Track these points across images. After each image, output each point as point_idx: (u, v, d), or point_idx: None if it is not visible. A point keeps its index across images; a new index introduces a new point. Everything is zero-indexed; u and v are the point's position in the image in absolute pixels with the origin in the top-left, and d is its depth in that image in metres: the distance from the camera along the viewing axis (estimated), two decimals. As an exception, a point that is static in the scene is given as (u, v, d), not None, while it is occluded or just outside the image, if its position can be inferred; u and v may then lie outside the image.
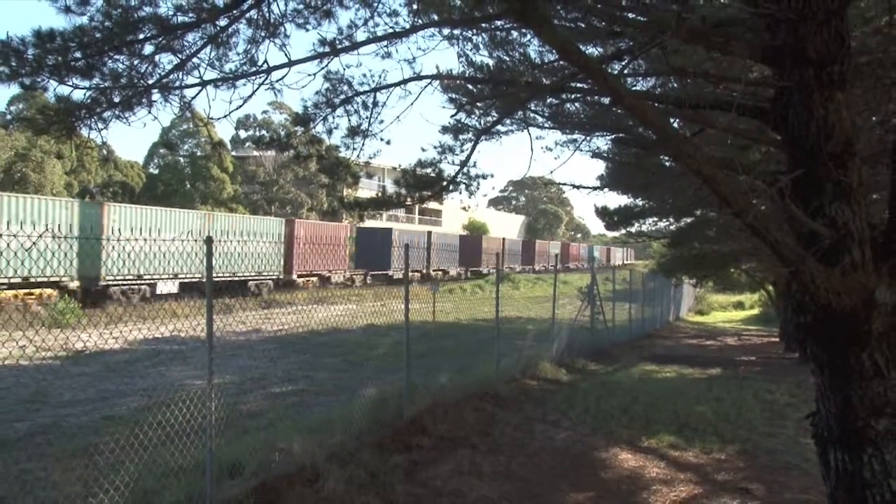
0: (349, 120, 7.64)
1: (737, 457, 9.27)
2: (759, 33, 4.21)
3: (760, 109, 4.39)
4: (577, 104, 9.52)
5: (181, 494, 6.29)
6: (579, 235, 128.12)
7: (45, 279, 22.50)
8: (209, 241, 6.67)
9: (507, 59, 8.04)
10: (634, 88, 8.59)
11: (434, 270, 51.30)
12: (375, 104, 7.48)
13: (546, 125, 9.87)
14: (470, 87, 8.59)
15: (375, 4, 6.82)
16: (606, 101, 7.96)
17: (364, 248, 45.50)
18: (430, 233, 53.97)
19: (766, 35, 4.15)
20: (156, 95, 6.27)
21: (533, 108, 8.84)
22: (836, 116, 3.92)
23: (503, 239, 66.50)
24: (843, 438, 3.89)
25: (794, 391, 13.76)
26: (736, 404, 12.35)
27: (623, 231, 23.77)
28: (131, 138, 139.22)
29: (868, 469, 3.78)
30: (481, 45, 8.03)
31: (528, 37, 7.61)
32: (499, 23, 7.12)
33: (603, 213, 21.40)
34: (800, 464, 8.83)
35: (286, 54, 6.44)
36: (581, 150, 17.06)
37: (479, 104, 8.56)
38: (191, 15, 5.82)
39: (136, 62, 5.99)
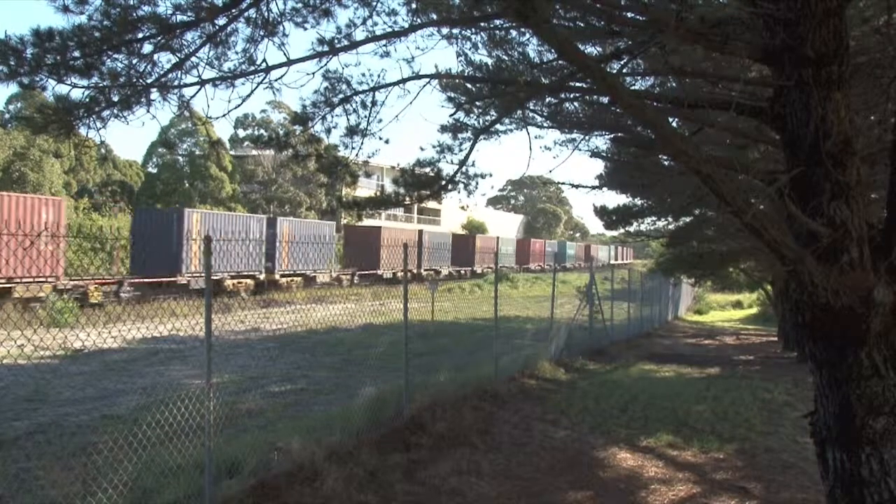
0: (348, 119, 7.64)
1: (735, 456, 9.28)
2: (758, 33, 4.21)
3: (759, 109, 4.39)
4: (575, 103, 9.53)
5: (180, 493, 6.29)
6: (578, 235, 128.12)
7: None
8: (208, 240, 6.67)
9: (506, 58, 8.05)
10: (633, 88, 8.59)
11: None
12: (374, 103, 7.48)
13: (545, 124, 9.88)
14: (469, 86, 8.60)
15: (374, 3, 6.82)
16: (605, 100, 7.97)
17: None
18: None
19: (765, 34, 4.15)
20: (154, 94, 6.27)
21: (532, 107, 8.85)
22: (835, 116, 3.92)
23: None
24: (841, 437, 3.90)
25: (793, 390, 13.77)
26: (734, 403, 12.36)
27: (622, 230, 23.77)
28: (130, 137, 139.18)
29: (866, 468, 3.79)
30: (480, 45, 8.03)
31: (527, 36, 7.61)
32: (498, 22, 7.12)
33: (602, 212, 21.39)
34: (798, 463, 8.84)
35: (285, 53, 6.44)
36: (580, 150, 17.07)
37: (477, 103, 8.56)
38: (189, 14, 5.82)
39: (134, 61, 5.99)
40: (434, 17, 7.20)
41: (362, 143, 7.79)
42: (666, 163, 13.48)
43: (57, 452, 8.02)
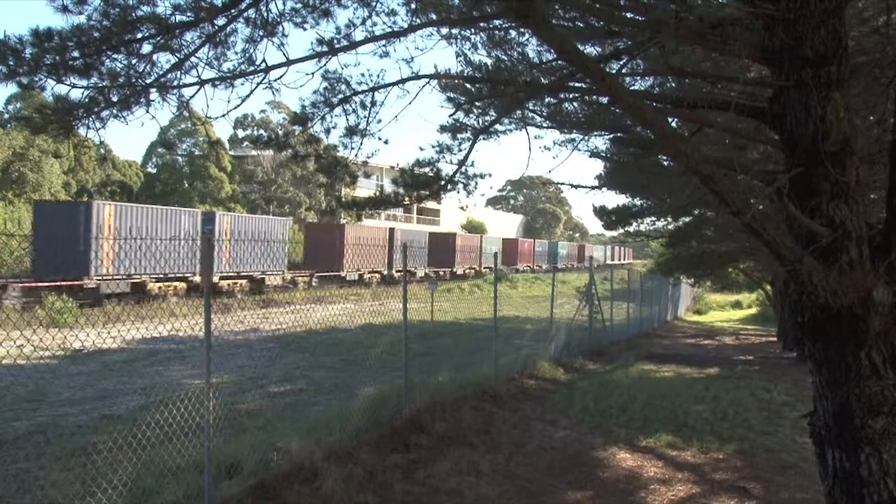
0: (347, 119, 7.64)
1: (734, 456, 9.28)
2: (757, 33, 4.21)
3: (758, 109, 4.39)
4: (575, 104, 9.53)
5: (179, 494, 6.30)
6: (577, 235, 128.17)
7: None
8: (206, 240, 6.67)
9: (506, 58, 8.05)
10: (633, 88, 8.60)
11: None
12: (373, 103, 7.48)
13: (544, 124, 9.87)
14: (468, 86, 8.59)
15: (374, 4, 6.82)
16: (605, 100, 7.96)
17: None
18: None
19: (764, 35, 4.16)
20: (154, 95, 6.27)
21: (531, 107, 8.84)
22: (834, 116, 3.92)
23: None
24: (840, 437, 3.90)
25: (792, 390, 13.77)
26: (734, 403, 12.36)
27: (621, 230, 23.78)
28: (129, 137, 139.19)
29: (865, 468, 3.79)
30: (479, 45, 8.03)
31: (527, 36, 7.61)
32: (497, 22, 7.12)
33: (601, 212, 21.39)
34: (797, 463, 8.85)
35: (284, 54, 6.44)
36: (579, 150, 17.05)
37: (477, 103, 8.56)
38: (189, 14, 5.82)
39: (134, 61, 5.99)
40: (433, 17, 7.20)
41: (361, 144, 7.79)
42: (665, 163, 13.51)
43: (56, 453, 8.02)
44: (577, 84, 6.71)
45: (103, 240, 25.95)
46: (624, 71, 6.85)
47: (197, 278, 30.34)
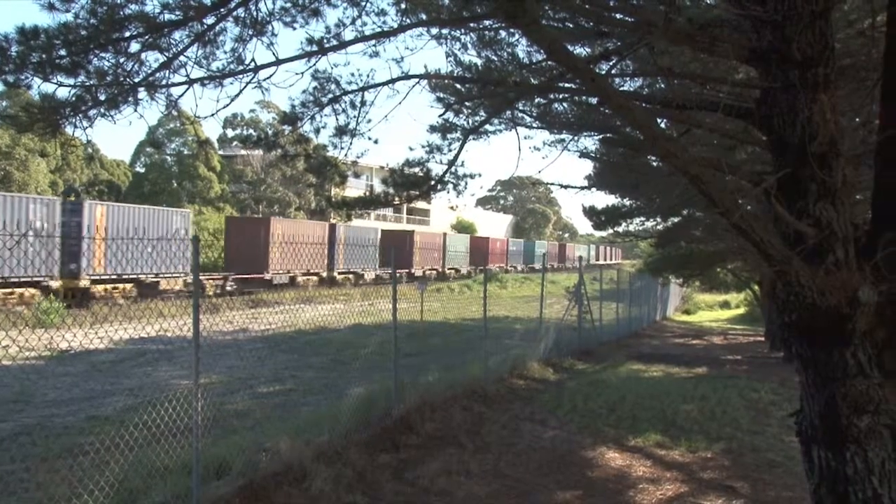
0: (337, 119, 7.63)
1: (722, 455, 9.32)
2: (745, 35, 4.23)
3: (746, 110, 4.41)
4: (564, 104, 9.56)
5: (167, 494, 6.27)
6: (567, 235, 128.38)
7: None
8: (196, 240, 6.66)
9: (496, 58, 8.06)
10: (622, 89, 8.63)
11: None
12: (363, 103, 7.48)
13: (534, 125, 9.90)
14: (458, 86, 8.60)
15: (363, 3, 6.82)
16: (594, 101, 7.99)
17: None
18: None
19: (752, 36, 4.18)
20: (142, 94, 6.24)
21: (521, 107, 8.87)
22: (821, 117, 3.95)
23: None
24: (826, 436, 3.93)
25: (779, 390, 13.84)
26: (721, 403, 12.41)
27: (611, 231, 23.85)
28: (118, 137, 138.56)
29: (851, 466, 3.81)
30: (469, 45, 8.05)
31: (517, 37, 7.63)
32: (487, 22, 7.13)
33: (590, 212, 21.46)
34: (784, 462, 8.89)
35: (274, 53, 6.42)
36: (569, 150, 17.13)
37: (467, 104, 8.57)
38: (177, 13, 5.80)
39: (121, 60, 5.96)
40: (423, 17, 7.21)
41: (351, 143, 7.79)
42: (654, 163, 13.56)
43: (42, 454, 7.97)
44: (566, 84, 6.73)
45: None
46: (613, 72, 6.87)
47: (55, 282, 24.62)
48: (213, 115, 6.68)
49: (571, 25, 6.55)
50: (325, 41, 6.69)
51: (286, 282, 36.70)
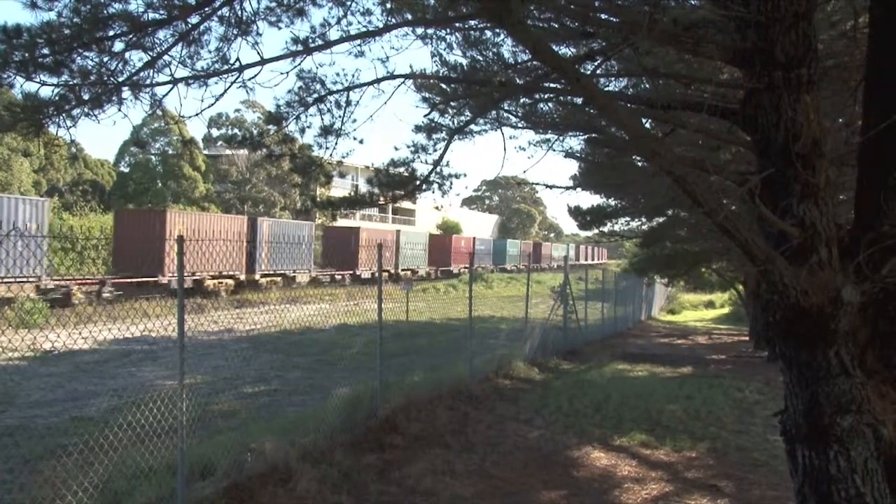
0: (322, 119, 7.62)
1: (707, 454, 9.37)
2: (729, 36, 4.25)
3: (731, 110, 4.43)
4: (550, 104, 9.56)
5: (152, 495, 6.24)
6: (553, 235, 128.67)
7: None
8: (180, 240, 6.62)
9: (481, 58, 8.06)
10: (607, 89, 8.65)
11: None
12: (348, 103, 7.46)
13: (519, 125, 9.90)
14: (443, 86, 8.60)
15: (349, 3, 6.81)
16: (579, 101, 8.00)
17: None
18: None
19: (736, 37, 4.20)
20: (126, 93, 6.20)
21: (506, 107, 8.87)
22: (804, 118, 3.97)
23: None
24: (810, 435, 3.95)
25: (763, 389, 13.94)
26: (706, 402, 12.48)
27: (596, 231, 23.94)
28: (101, 136, 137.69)
29: (834, 465, 3.84)
30: (455, 45, 8.04)
31: (502, 37, 7.63)
32: (472, 22, 7.13)
33: (576, 212, 21.56)
34: (768, 461, 8.95)
35: (259, 52, 6.40)
36: (554, 150, 17.17)
37: (452, 104, 8.57)
38: (162, 12, 5.77)
39: (105, 59, 5.92)
40: (409, 17, 7.20)
41: (336, 143, 7.77)
42: (640, 164, 13.60)
43: (25, 455, 7.91)
44: (551, 84, 6.75)
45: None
46: (598, 72, 6.88)
47: None
48: (197, 114, 6.67)
49: (556, 25, 6.55)
50: (310, 41, 6.67)
51: (190, 286, 28.53)
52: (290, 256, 37.00)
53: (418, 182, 8.42)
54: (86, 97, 6.05)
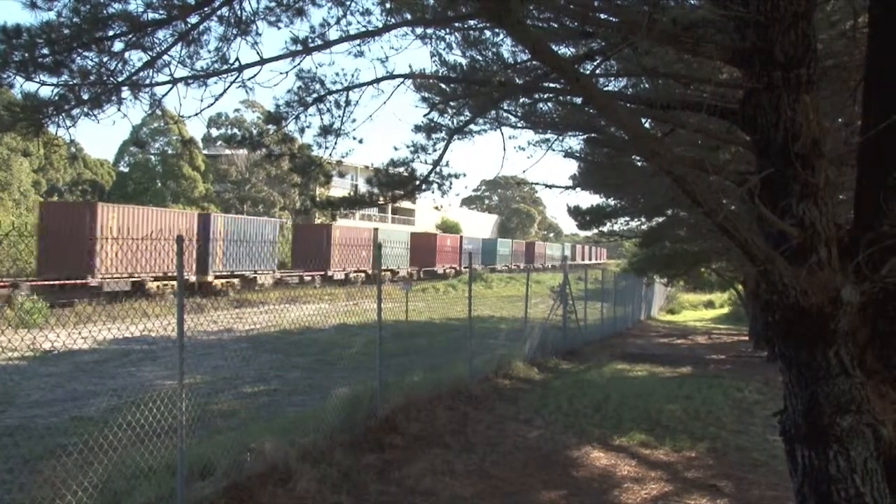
0: (321, 119, 7.61)
1: (706, 454, 9.37)
2: (729, 35, 4.25)
3: (730, 110, 4.43)
4: (549, 104, 9.56)
5: (151, 495, 6.24)
6: (552, 235, 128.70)
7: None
8: (180, 240, 6.62)
9: (480, 58, 8.06)
10: (606, 88, 8.65)
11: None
12: (348, 103, 7.46)
13: (519, 125, 9.90)
14: (443, 86, 8.60)
15: (348, 3, 6.80)
16: (579, 100, 8.00)
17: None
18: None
19: (736, 37, 4.20)
20: (126, 93, 6.20)
21: (506, 107, 8.86)
22: (804, 118, 3.97)
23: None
24: (809, 435, 3.95)
25: (763, 389, 13.93)
26: (706, 402, 12.48)
27: (595, 230, 23.94)
28: (101, 136, 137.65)
29: (833, 465, 3.84)
30: (454, 45, 8.03)
31: (501, 37, 7.62)
32: (472, 22, 7.12)
33: (575, 212, 21.56)
34: (768, 461, 8.95)
35: (258, 52, 6.39)
36: (553, 150, 17.18)
37: (451, 103, 8.57)
38: (161, 12, 5.77)
39: (105, 59, 5.92)
40: (408, 17, 7.20)
41: (336, 143, 7.77)
42: (639, 163, 13.60)
43: (25, 455, 7.91)
44: (551, 84, 6.74)
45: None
46: (598, 72, 6.88)
47: None
48: (197, 114, 6.67)
49: (556, 25, 6.55)
50: (309, 41, 6.67)
51: (127, 289, 26.82)
52: (251, 256, 33.06)
53: (418, 182, 8.42)
54: (85, 97, 6.05)
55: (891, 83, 4.12)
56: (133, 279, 27.31)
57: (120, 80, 6.08)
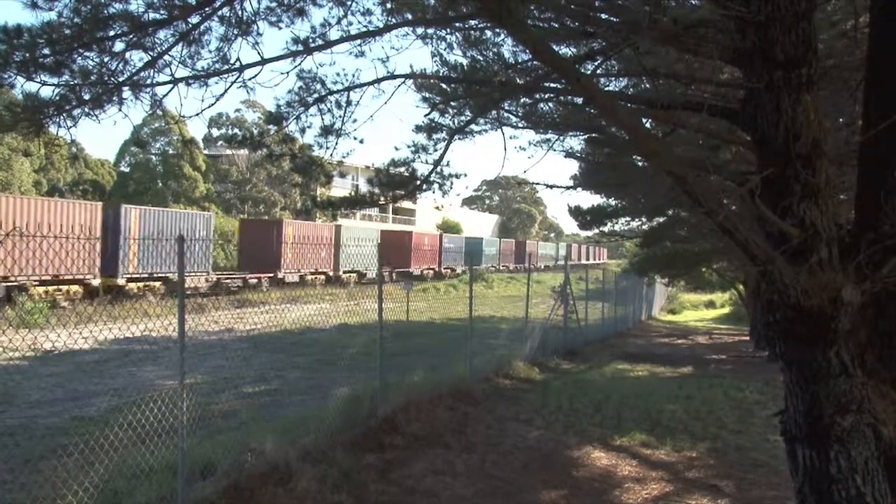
0: (322, 119, 7.60)
1: (707, 454, 9.37)
2: (730, 35, 4.25)
3: (731, 110, 4.43)
4: (550, 104, 9.56)
5: (152, 495, 6.24)
6: (553, 235, 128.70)
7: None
8: (181, 239, 6.62)
9: (481, 58, 8.06)
10: (607, 89, 8.65)
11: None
12: (349, 103, 7.45)
13: (520, 125, 9.90)
14: (444, 86, 8.60)
15: (349, 3, 6.80)
16: (579, 101, 8.00)
17: None
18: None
19: (736, 37, 4.20)
20: (126, 93, 6.19)
21: (506, 107, 8.86)
22: (804, 118, 3.97)
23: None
24: (810, 435, 3.95)
25: (764, 389, 13.93)
26: (706, 402, 12.48)
27: (596, 230, 23.94)
28: (102, 136, 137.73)
29: (834, 465, 3.84)
30: (455, 45, 8.04)
31: (502, 37, 7.63)
32: (473, 22, 7.13)
33: (576, 212, 21.57)
34: (768, 461, 8.94)
35: (259, 52, 6.39)
36: (554, 150, 17.17)
37: (452, 103, 8.56)
38: (162, 12, 5.76)
39: (106, 59, 5.92)
40: (409, 17, 7.20)
41: (337, 143, 7.76)
42: (640, 164, 13.60)
43: (25, 455, 7.92)
44: (552, 84, 6.75)
45: None
46: (598, 72, 6.88)
47: None
48: (198, 114, 6.65)
49: (557, 25, 6.55)
50: (310, 41, 6.66)
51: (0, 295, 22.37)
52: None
53: (419, 182, 8.42)
54: (86, 97, 6.05)
55: (891, 83, 4.11)
56: (6, 283, 22.82)
57: (121, 80, 6.08)
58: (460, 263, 57.07)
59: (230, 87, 6.63)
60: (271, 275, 35.14)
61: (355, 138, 7.93)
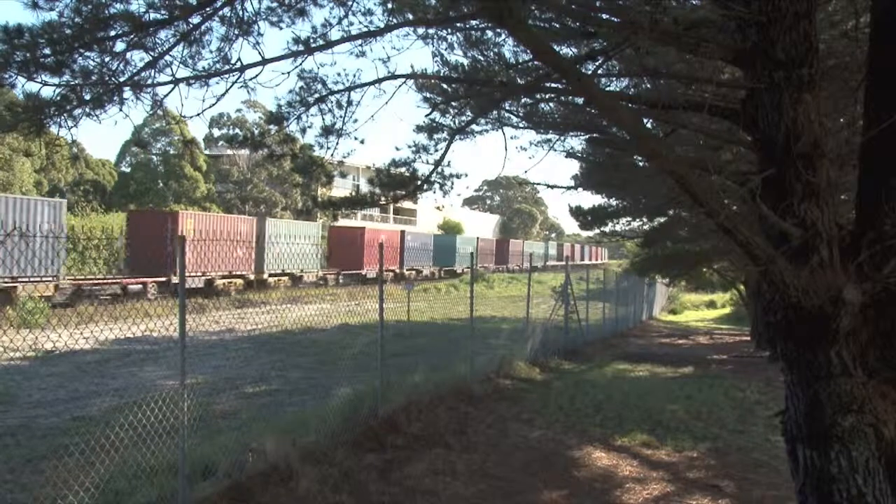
0: (323, 119, 7.60)
1: (708, 454, 9.37)
2: (731, 35, 4.26)
3: (731, 110, 4.43)
4: (551, 104, 9.56)
5: (153, 495, 6.24)
6: (553, 235, 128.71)
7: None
8: (182, 239, 6.63)
9: (482, 58, 8.05)
10: (608, 89, 8.64)
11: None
12: (350, 103, 7.45)
13: (520, 125, 9.89)
14: (444, 86, 8.60)
15: (350, 3, 6.80)
16: (580, 101, 8.00)
17: None
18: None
19: (737, 37, 4.20)
20: (127, 93, 6.20)
21: (507, 107, 8.86)
22: (805, 118, 3.97)
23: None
24: (811, 435, 3.95)
25: (764, 389, 13.92)
26: (707, 402, 12.47)
27: (597, 231, 23.93)
28: (103, 136, 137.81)
29: (835, 465, 3.84)
30: (456, 45, 8.03)
31: (503, 37, 7.62)
32: (473, 22, 7.12)
33: (577, 212, 21.55)
34: (769, 461, 8.94)
35: (260, 53, 6.39)
36: (555, 150, 17.16)
37: (453, 104, 8.56)
38: (163, 12, 5.77)
39: (107, 59, 5.92)
40: (410, 17, 7.19)
41: (337, 143, 7.75)
42: (641, 164, 13.59)
43: (26, 455, 7.92)
44: (553, 84, 6.73)
45: None
46: (599, 72, 6.87)
47: None
48: (198, 114, 6.65)
49: (558, 25, 6.55)
50: (311, 41, 6.67)
51: None
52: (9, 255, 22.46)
53: (419, 182, 8.42)
54: (87, 97, 6.05)
55: (892, 83, 4.11)
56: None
57: (122, 80, 6.08)
58: (428, 264, 51.81)
59: (231, 87, 6.64)
60: (163, 279, 28.42)
61: (356, 138, 7.93)
